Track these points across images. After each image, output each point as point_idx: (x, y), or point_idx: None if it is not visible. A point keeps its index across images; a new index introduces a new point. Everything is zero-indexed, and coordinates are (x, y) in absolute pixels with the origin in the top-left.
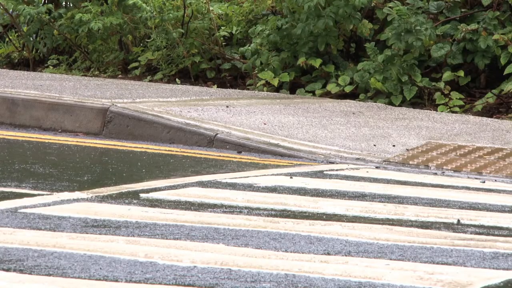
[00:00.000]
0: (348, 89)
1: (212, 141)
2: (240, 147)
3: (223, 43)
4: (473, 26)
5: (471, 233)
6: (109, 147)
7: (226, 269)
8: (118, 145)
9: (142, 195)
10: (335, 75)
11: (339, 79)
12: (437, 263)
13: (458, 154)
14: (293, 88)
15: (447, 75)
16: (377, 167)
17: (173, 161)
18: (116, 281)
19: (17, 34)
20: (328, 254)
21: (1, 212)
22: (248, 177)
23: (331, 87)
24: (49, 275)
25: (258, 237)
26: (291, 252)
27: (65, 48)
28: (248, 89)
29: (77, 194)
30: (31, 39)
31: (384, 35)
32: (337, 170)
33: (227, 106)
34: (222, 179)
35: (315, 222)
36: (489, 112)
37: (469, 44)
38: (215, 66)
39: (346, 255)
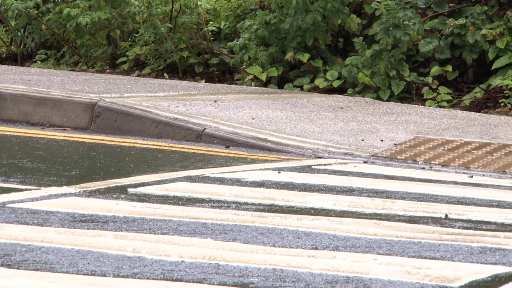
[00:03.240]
0: (336, 84)
1: (200, 136)
2: (228, 142)
3: (211, 38)
4: (461, 21)
5: (459, 228)
6: (97, 142)
7: (214, 264)
8: (106, 140)
9: (130, 190)
10: (323, 70)
11: (327, 74)
12: (425, 258)
13: (446, 148)
14: (281, 83)
15: (435, 69)
16: (365, 162)
17: (161, 156)
18: (104, 276)
19: (5, 29)
20: (316, 248)
21: None
22: (236, 171)
23: (319, 82)
24: (37, 270)
25: (246, 232)
26: (279, 246)
27: (53, 43)
28: (236, 84)
29: (65, 189)
30: (19, 34)
31: (372, 30)
32: (325, 164)
33: (215, 101)
34: (210, 174)
35: (303, 217)
36: (477, 106)
37: (457, 39)
38: (203, 61)
39: (333, 250)
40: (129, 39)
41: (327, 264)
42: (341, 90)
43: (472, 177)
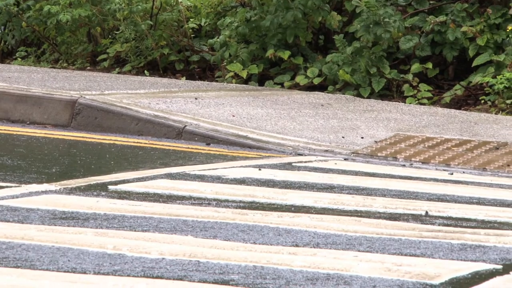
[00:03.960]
0: (316, 81)
1: (180, 133)
2: (208, 139)
3: (192, 35)
4: (442, 18)
5: (439, 225)
6: (77, 139)
7: (195, 261)
8: (86, 137)
9: (111, 187)
10: (304, 67)
11: (308, 71)
12: (405, 255)
13: (426, 146)
14: (261, 80)
15: (415, 67)
16: (345, 159)
17: (142, 153)
18: (84, 273)
19: None
20: (297, 246)
21: None
22: (216, 169)
23: (300, 79)
24: (17, 267)
25: (227, 229)
26: (259, 244)
27: (34, 40)
28: (216, 81)
29: (45, 186)
30: None
31: (353, 27)
32: (305, 162)
33: (196, 98)
34: (191, 171)
35: (283, 214)
36: (457, 104)
37: (438, 36)
38: (184, 58)
39: (314, 247)
40: (110, 36)
41: (307, 261)
42: (321, 87)
43: (452, 174)
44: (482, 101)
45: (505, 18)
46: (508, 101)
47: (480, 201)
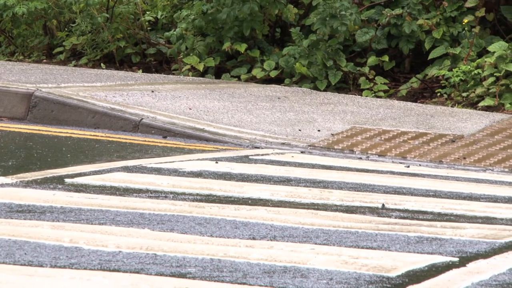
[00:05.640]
0: (273, 74)
1: (137, 126)
2: (165, 132)
3: (148, 28)
4: (398, 11)
5: (395, 218)
6: (33, 132)
7: (152, 254)
8: (42, 130)
9: (67, 180)
10: (261, 60)
11: (265, 64)
12: (362, 248)
13: (382, 138)
14: (218, 73)
15: (371, 60)
16: (302, 152)
17: (98, 146)
18: (41, 266)
19: None
20: (254, 238)
21: None
22: (173, 162)
23: (257, 72)
24: None
25: (184, 222)
26: (216, 237)
27: None
28: (173, 74)
29: (1, 179)
30: None
31: (309, 20)
32: (262, 155)
33: (153, 91)
34: (148, 164)
35: (240, 207)
36: (413, 97)
37: (394, 29)
38: (140, 51)
39: (271, 240)
40: (66, 29)
41: (264, 254)
42: (278, 80)
43: (408, 167)
44: (438, 94)
45: (461, 11)
46: (464, 94)
47: (436, 194)
